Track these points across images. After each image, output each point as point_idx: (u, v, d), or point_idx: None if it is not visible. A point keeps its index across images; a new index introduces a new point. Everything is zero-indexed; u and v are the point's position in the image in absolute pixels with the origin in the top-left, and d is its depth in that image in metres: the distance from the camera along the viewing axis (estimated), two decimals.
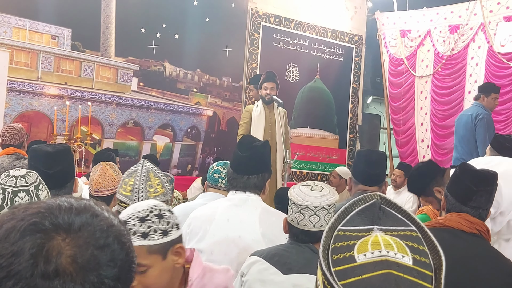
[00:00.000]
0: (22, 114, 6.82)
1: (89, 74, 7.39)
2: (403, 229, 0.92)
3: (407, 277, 0.85)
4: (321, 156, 9.77)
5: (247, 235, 2.52)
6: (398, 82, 9.52)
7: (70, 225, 0.84)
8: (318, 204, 2.12)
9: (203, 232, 2.57)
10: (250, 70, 8.87)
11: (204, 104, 8.54)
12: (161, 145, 8.09)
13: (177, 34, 8.11)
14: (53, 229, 0.83)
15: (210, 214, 2.64)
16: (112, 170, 3.27)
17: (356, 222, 0.94)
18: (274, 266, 2.12)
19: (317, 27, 9.69)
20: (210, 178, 3.26)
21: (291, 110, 9.07)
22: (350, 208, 0.97)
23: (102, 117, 7.50)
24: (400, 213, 0.96)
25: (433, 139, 8.90)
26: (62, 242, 0.82)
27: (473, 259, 2.26)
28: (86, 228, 0.85)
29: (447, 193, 2.49)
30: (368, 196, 0.98)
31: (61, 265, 0.80)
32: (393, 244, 0.88)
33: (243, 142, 2.80)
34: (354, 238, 0.90)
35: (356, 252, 0.88)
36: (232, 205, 2.63)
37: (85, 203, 0.90)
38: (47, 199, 0.90)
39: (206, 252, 2.54)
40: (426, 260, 0.89)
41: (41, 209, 0.85)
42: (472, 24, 8.27)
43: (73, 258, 0.81)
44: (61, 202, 0.88)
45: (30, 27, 6.90)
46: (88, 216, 0.87)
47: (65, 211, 0.86)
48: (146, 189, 2.04)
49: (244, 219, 2.57)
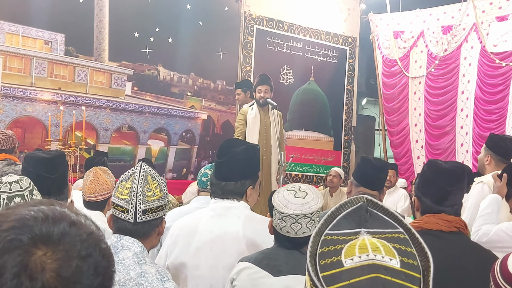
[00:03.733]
0: (16, 120, 6.80)
1: (83, 79, 7.37)
2: (390, 231, 0.91)
3: (395, 280, 0.84)
4: (316, 158, 9.77)
5: (232, 248, 2.45)
6: (391, 83, 9.54)
7: (49, 237, 0.82)
8: (299, 212, 2.10)
9: (187, 245, 2.49)
10: (244, 73, 8.87)
11: (199, 108, 8.53)
12: (156, 149, 8.07)
13: (170, 38, 8.10)
14: (32, 244, 0.80)
15: (193, 226, 2.55)
16: (105, 174, 3.26)
17: (343, 225, 0.93)
18: (263, 270, 2.12)
19: (310, 29, 9.70)
20: (199, 182, 3.26)
21: (285, 113, 9.07)
22: (337, 211, 0.96)
23: (97, 122, 7.48)
24: (387, 215, 0.95)
25: (427, 139, 8.92)
26: (44, 257, 0.80)
27: (457, 258, 2.26)
28: (65, 239, 0.83)
29: (419, 195, 2.47)
30: (355, 199, 0.97)
31: (46, 281, 0.78)
32: (380, 247, 0.87)
33: (222, 146, 2.66)
34: (341, 242, 0.90)
35: (344, 257, 0.87)
36: (215, 216, 2.53)
37: (59, 210, 0.88)
38: (17, 208, 0.86)
39: (190, 267, 2.47)
40: (414, 262, 0.88)
41: (15, 223, 0.82)
42: (464, 25, 8.30)
43: (57, 273, 0.80)
44: (34, 211, 0.85)
45: (23, 32, 6.88)
46: (66, 225, 0.85)
47: (42, 221, 0.83)
48: (144, 192, 2.02)
49: (227, 229, 2.49)
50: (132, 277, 1.87)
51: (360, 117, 10.73)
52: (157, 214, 2.05)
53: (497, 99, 7.63)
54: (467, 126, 8.21)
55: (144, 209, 2.01)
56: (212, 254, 2.46)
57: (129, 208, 2.01)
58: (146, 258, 1.98)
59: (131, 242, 1.98)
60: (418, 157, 9.02)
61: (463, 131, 8.29)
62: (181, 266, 2.48)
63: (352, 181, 3.26)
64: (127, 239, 1.98)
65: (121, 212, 2.05)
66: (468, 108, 8.20)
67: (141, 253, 1.97)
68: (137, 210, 2.01)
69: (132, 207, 2.01)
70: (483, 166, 4.25)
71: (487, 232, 3.15)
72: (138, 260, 1.94)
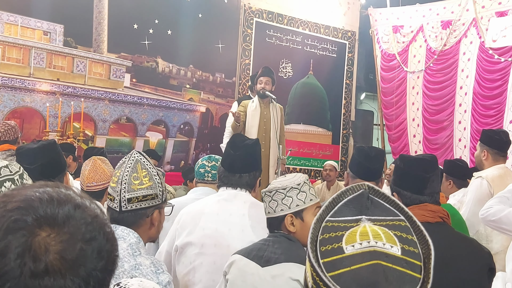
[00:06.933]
0: (14, 110, 6.79)
1: (82, 70, 7.35)
2: (391, 219, 0.92)
3: (395, 267, 0.84)
4: (315, 152, 9.78)
5: (237, 228, 2.55)
6: (389, 77, 9.53)
7: (54, 219, 0.82)
8: (282, 185, 2.18)
9: (193, 226, 2.59)
10: (243, 66, 8.86)
11: (197, 100, 8.52)
12: (154, 142, 8.07)
13: (170, 30, 8.08)
14: (37, 225, 0.80)
15: (199, 208, 2.67)
16: (104, 164, 3.25)
17: (344, 212, 0.93)
18: (252, 261, 2.17)
19: (310, 23, 9.68)
20: (197, 174, 3.27)
21: (284, 106, 9.04)
22: (338, 198, 0.97)
23: (95, 113, 7.47)
24: (389, 203, 0.95)
25: (425, 134, 8.92)
26: (48, 238, 0.80)
27: (445, 250, 2.28)
28: (70, 221, 0.83)
29: (398, 189, 2.49)
30: (356, 186, 0.97)
31: (50, 262, 0.78)
32: (381, 234, 0.87)
33: (235, 140, 2.80)
34: (342, 229, 0.90)
35: (345, 243, 0.87)
36: (222, 200, 2.65)
37: (64, 192, 0.87)
38: (24, 189, 0.86)
39: (196, 245, 2.57)
40: (415, 249, 0.89)
41: (20, 203, 0.82)
42: (464, 20, 8.29)
43: (61, 255, 0.80)
44: (40, 193, 0.85)
45: (22, 23, 6.86)
46: (71, 207, 0.85)
47: (47, 203, 0.83)
48: (130, 181, 1.98)
49: (233, 212, 2.60)
50: (126, 269, 1.85)
51: (358, 111, 10.73)
52: (145, 203, 1.99)
53: (495, 94, 7.63)
54: (465, 121, 8.21)
55: (128, 198, 1.97)
56: (217, 233, 2.56)
57: (115, 196, 2.00)
58: (141, 249, 1.95)
59: (127, 232, 1.96)
60: (415, 151, 9.02)
61: (461, 126, 8.29)
62: (187, 245, 2.58)
63: (349, 173, 3.27)
64: (123, 229, 1.96)
65: (109, 200, 2.04)
66: (466, 103, 8.20)
67: (136, 244, 1.95)
68: (122, 198, 1.98)
69: (117, 195, 1.99)
70: (481, 162, 4.26)
71: (498, 213, 3.16)
72: (132, 252, 1.91)
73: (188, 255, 2.59)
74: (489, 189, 3.98)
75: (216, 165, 3.19)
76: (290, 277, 2.07)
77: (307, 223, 2.16)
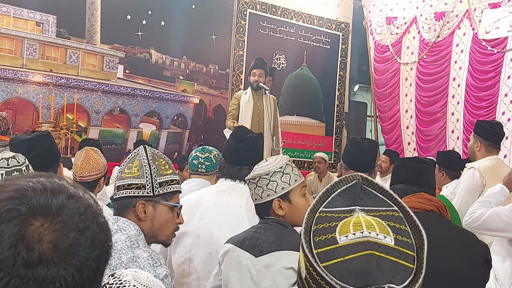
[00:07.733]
0: (7, 101, 6.76)
1: (75, 61, 7.32)
2: (384, 209, 0.92)
3: (389, 257, 0.85)
4: (308, 143, 9.78)
5: (234, 219, 2.56)
6: (383, 69, 9.54)
7: (47, 209, 0.82)
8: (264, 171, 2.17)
9: (190, 216, 2.59)
10: (236, 57, 8.84)
11: (191, 92, 8.50)
12: (148, 133, 8.05)
13: (163, 21, 8.05)
14: (30, 214, 0.80)
15: (197, 199, 2.68)
16: (97, 154, 3.25)
17: (337, 203, 0.94)
18: (245, 251, 2.17)
19: (303, 14, 9.66)
20: (190, 165, 3.27)
21: (278, 98, 9.05)
22: (332, 189, 0.97)
23: (88, 105, 7.45)
24: (382, 194, 0.96)
25: (418, 125, 8.94)
26: (41, 228, 0.80)
27: (442, 241, 2.29)
28: (63, 211, 0.83)
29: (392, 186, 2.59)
30: (350, 177, 0.98)
31: (43, 252, 0.78)
32: (374, 225, 0.88)
33: (237, 132, 2.81)
34: (335, 219, 0.90)
35: (338, 234, 0.88)
36: (220, 191, 2.66)
37: (57, 182, 0.88)
38: (16, 179, 0.86)
39: (192, 235, 2.58)
40: (408, 240, 0.89)
41: (14, 193, 0.82)
42: (457, 11, 8.29)
43: (54, 244, 0.80)
44: (33, 183, 0.85)
45: (14, 13, 6.82)
46: (64, 197, 0.85)
47: (40, 193, 0.83)
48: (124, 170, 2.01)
49: (231, 204, 2.61)
50: (123, 261, 1.85)
51: (352, 103, 10.72)
52: (128, 191, 1.97)
53: (488, 86, 7.66)
54: (458, 112, 8.24)
55: (117, 185, 1.99)
56: (213, 224, 2.57)
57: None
58: (140, 241, 1.94)
59: (127, 224, 1.96)
60: (408, 143, 9.05)
61: (454, 118, 8.31)
62: (184, 235, 2.59)
63: (342, 165, 3.29)
64: (124, 221, 1.96)
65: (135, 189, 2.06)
66: (459, 94, 8.22)
67: (136, 236, 1.94)
68: (115, 186, 2.01)
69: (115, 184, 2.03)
70: (474, 153, 4.29)
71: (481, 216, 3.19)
72: (131, 244, 1.91)
73: (184, 245, 2.61)
74: (481, 180, 4.01)
75: (210, 156, 3.20)
76: (284, 266, 2.08)
77: (295, 204, 2.16)
